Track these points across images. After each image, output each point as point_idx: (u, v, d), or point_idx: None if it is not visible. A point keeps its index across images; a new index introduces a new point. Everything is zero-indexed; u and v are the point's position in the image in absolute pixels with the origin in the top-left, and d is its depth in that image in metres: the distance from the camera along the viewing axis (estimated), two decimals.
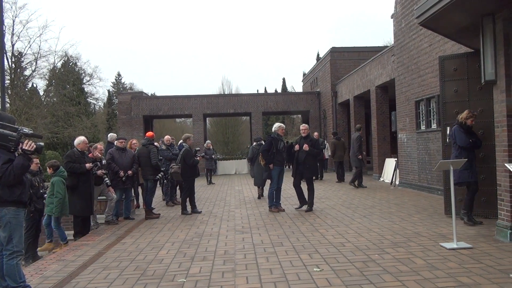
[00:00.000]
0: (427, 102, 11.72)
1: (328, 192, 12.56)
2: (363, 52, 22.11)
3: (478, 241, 5.87)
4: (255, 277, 4.71)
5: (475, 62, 7.24)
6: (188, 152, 9.60)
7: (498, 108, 6.03)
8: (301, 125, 9.71)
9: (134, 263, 5.57)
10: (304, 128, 9.46)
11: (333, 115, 22.30)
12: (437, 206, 9.00)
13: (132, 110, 24.77)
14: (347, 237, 6.48)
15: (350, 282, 4.39)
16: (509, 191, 5.83)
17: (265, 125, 40.94)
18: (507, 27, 5.78)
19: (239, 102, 25.63)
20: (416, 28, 11.76)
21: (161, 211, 10.13)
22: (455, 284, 4.19)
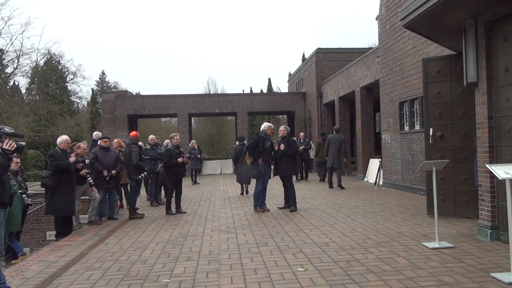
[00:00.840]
0: (410, 104, 11.86)
1: (313, 192, 12.62)
2: (348, 53, 22.27)
3: (459, 241, 5.96)
4: (240, 277, 4.71)
5: (458, 65, 7.35)
6: (167, 151, 9.63)
7: (479, 110, 6.13)
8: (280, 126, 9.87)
9: (118, 263, 5.51)
10: (280, 130, 9.70)
11: (318, 115, 22.42)
12: (419, 206, 9.12)
13: (116, 109, 24.53)
14: (331, 237, 6.52)
15: (334, 282, 4.42)
16: (489, 192, 5.93)
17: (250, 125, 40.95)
18: (488, 31, 5.89)
19: (225, 102, 25.58)
20: (400, 30, 11.89)
21: (145, 211, 10.05)
22: (437, 283, 4.25)
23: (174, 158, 9.45)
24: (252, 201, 9.78)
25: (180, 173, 9.70)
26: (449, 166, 7.29)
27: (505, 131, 5.66)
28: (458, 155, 7.61)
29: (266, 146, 9.35)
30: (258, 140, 9.36)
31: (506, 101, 5.61)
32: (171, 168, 9.53)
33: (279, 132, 9.80)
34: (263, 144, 9.32)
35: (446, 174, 7.60)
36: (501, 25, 5.68)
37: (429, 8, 5.68)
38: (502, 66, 5.67)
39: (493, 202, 5.91)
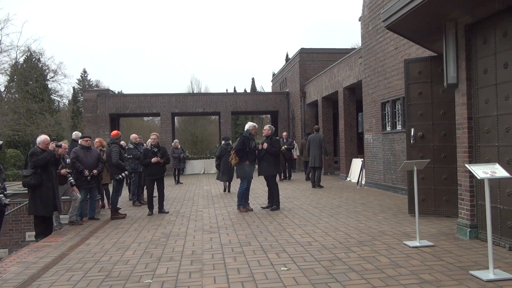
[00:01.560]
0: (392, 104, 12.00)
1: (296, 192, 12.67)
2: (331, 54, 22.40)
3: (439, 239, 6.06)
4: (223, 277, 4.70)
5: (438, 66, 7.47)
6: (144, 150, 9.74)
7: (459, 110, 6.24)
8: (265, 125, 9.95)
9: (99, 264, 5.45)
10: (265, 129, 9.82)
11: (302, 115, 22.52)
12: (401, 206, 9.24)
13: (98, 108, 24.23)
14: (314, 236, 6.56)
15: (317, 281, 4.44)
16: (469, 191, 6.04)
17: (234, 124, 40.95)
18: (468, 32, 5.99)
19: (208, 101, 25.50)
20: (382, 31, 12.02)
21: (127, 211, 9.96)
22: (418, 281, 4.31)
23: (149, 158, 9.44)
24: (235, 201, 9.76)
25: (155, 173, 9.53)
26: (429, 166, 7.41)
27: (484, 132, 5.77)
28: (439, 155, 7.73)
29: (251, 146, 9.37)
30: (244, 141, 9.37)
31: (485, 102, 5.72)
32: (146, 167, 9.59)
33: (263, 131, 9.90)
34: (248, 144, 9.35)
35: (427, 174, 7.72)
36: (480, 27, 5.79)
37: (410, 10, 5.75)
38: (481, 68, 5.78)
39: (472, 201, 6.02)
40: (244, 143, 9.35)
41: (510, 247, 5.27)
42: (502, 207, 5.44)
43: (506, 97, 5.32)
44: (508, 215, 5.33)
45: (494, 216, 5.39)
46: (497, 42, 5.47)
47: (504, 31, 5.33)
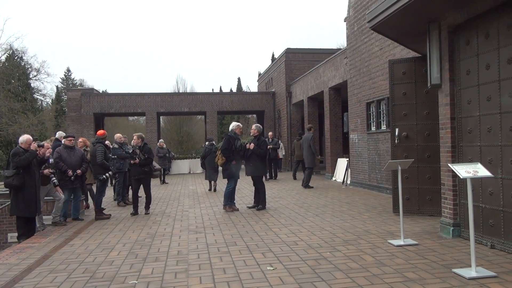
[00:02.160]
0: (377, 104, 12.10)
1: (282, 192, 12.70)
2: (317, 54, 22.52)
3: (423, 238, 6.13)
4: (209, 277, 4.69)
5: (422, 67, 7.56)
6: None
7: (442, 111, 6.32)
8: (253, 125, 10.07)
9: (83, 265, 5.39)
10: (252, 129, 9.79)
11: (288, 115, 22.58)
12: (385, 205, 9.33)
13: (82, 107, 23.96)
14: (300, 236, 6.58)
15: (303, 280, 4.46)
16: (452, 190, 6.13)
17: (220, 124, 40.83)
18: (451, 34, 6.08)
19: (194, 101, 25.41)
20: (367, 32, 12.12)
21: (112, 211, 9.87)
22: (402, 280, 4.36)
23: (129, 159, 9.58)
24: (221, 200, 9.75)
25: (135, 173, 9.42)
26: (413, 166, 7.50)
27: (467, 132, 5.86)
28: (423, 155, 7.83)
29: (237, 146, 9.37)
30: (229, 140, 9.34)
31: (468, 102, 5.81)
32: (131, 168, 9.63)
33: (251, 131, 9.90)
34: (234, 144, 9.35)
35: (411, 173, 7.81)
36: (463, 29, 5.88)
37: (394, 11, 5.81)
38: (464, 68, 5.87)
39: (455, 200, 6.11)
40: (230, 142, 9.33)
41: (492, 245, 5.36)
42: (484, 206, 5.53)
43: (488, 98, 5.41)
44: (490, 213, 5.43)
45: (476, 215, 5.49)
46: (480, 44, 5.56)
47: (487, 32, 5.42)
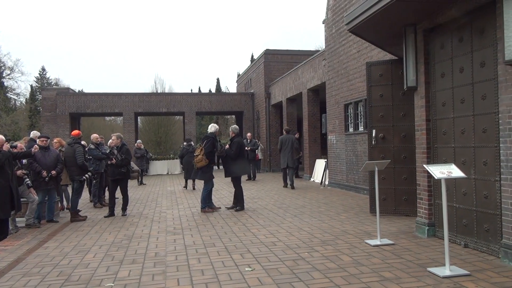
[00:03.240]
0: (355, 106, 12.24)
1: (261, 192, 12.72)
2: (296, 55, 22.67)
3: (399, 238, 6.23)
4: (187, 279, 4.66)
5: (399, 69, 7.69)
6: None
7: (418, 112, 6.44)
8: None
9: (58, 268, 5.28)
10: (230, 131, 9.97)
11: (266, 116, 22.64)
12: (363, 205, 9.44)
13: (58, 107, 23.50)
14: (279, 236, 6.61)
15: (281, 281, 4.47)
16: (427, 190, 6.25)
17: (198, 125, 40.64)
18: (427, 37, 6.20)
19: (172, 101, 25.22)
20: (345, 34, 12.26)
21: (88, 213, 9.70)
22: (378, 279, 4.42)
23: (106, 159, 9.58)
24: (200, 201, 9.70)
25: (111, 174, 9.32)
26: (390, 166, 7.62)
27: (441, 133, 5.99)
28: (399, 156, 7.96)
29: (218, 148, 9.45)
30: (214, 143, 9.36)
31: (442, 104, 5.94)
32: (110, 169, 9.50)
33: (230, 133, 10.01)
34: (216, 147, 9.42)
35: (388, 174, 7.93)
36: (438, 33, 6.01)
37: (371, 14, 5.89)
38: (439, 71, 6.00)
39: (430, 201, 6.23)
40: (214, 145, 9.32)
41: (466, 244, 5.49)
42: (458, 206, 5.66)
43: (461, 100, 5.54)
44: (463, 213, 5.56)
45: (450, 215, 5.61)
46: (454, 47, 5.68)
47: (460, 36, 5.55)
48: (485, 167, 5.15)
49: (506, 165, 4.71)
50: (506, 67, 4.65)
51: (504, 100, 4.73)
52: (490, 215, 5.08)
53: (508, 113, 4.66)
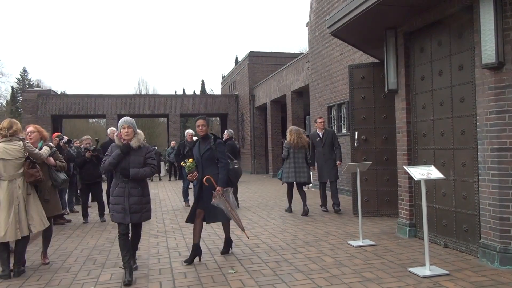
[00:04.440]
0: (338, 108, 12.35)
1: (245, 194, 12.72)
2: (280, 58, 22.79)
3: (381, 238, 6.31)
4: (169, 282, 4.64)
5: (380, 72, 7.78)
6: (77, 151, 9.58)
7: (399, 115, 6.54)
8: None
9: (38, 272, 5.20)
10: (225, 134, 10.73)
11: (251, 118, 22.68)
12: (346, 206, 9.52)
13: (39, 109, 23.16)
14: (262, 238, 6.62)
15: (264, 282, 4.49)
16: (408, 192, 6.34)
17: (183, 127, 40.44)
18: (407, 41, 6.30)
19: (156, 103, 25.09)
20: (328, 37, 12.36)
21: (70, 216, 9.57)
22: (360, 279, 4.47)
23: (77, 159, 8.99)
24: (182, 203, 9.71)
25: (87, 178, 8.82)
26: (372, 168, 7.70)
27: (421, 135, 6.09)
28: (381, 158, 8.06)
29: (185, 152, 10.17)
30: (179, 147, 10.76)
31: (422, 107, 6.04)
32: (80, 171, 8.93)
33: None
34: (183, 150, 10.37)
35: (370, 176, 8.01)
36: (417, 36, 6.11)
37: (352, 18, 5.97)
38: (419, 74, 6.10)
39: (411, 202, 6.32)
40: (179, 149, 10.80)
41: (445, 244, 5.58)
42: (437, 207, 5.75)
43: (441, 103, 5.64)
44: (443, 214, 5.65)
45: (430, 215, 5.70)
46: (433, 51, 5.79)
47: (439, 40, 5.65)
48: (464, 168, 5.26)
49: (484, 166, 4.81)
50: (483, 70, 4.76)
51: (481, 102, 4.83)
52: (469, 215, 5.18)
53: (485, 115, 4.77)
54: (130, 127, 4.80)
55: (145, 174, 4.84)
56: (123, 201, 4.75)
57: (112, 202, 4.83)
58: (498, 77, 4.62)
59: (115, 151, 4.78)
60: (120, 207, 4.76)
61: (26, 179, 5.05)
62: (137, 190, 4.82)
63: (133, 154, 4.80)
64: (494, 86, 4.65)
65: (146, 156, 4.90)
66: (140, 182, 4.87)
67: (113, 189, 4.85)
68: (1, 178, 4.96)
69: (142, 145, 4.90)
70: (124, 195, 4.76)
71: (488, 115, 4.73)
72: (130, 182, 4.78)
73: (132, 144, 4.80)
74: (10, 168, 4.98)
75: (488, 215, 4.74)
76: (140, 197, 4.84)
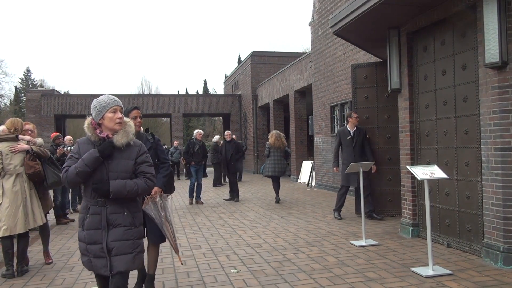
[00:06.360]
0: (341, 107, 12.33)
1: (248, 194, 12.73)
2: (282, 57, 22.76)
3: (384, 238, 6.30)
4: (172, 281, 4.65)
5: (383, 71, 7.77)
6: None
7: (402, 114, 6.52)
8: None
9: (42, 271, 5.22)
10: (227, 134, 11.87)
11: (254, 118, 22.66)
12: (348, 206, 9.50)
13: (42, 109, 23.22)
14: (265, 238, 6.62)
15: (266, 282, 4.49)
16: (411, 191, 6.33)
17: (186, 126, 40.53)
18: (410, 41, 6.28)
19: (159, 103, 25.11)
20: (331, 36, 12.34)
21: (73, 215, 9.60)
22: (363, 279, 4.46)
23: None
24: (187, 203, 9.71)
25: None
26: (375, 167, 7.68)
27: (425, 135, 6.07)
28: (384, 157, 8.04)
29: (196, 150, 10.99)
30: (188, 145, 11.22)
31: (425, 106, 6.02)
32: None
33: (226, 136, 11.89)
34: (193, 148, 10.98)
35: (373, 175, 7.99)
36: (421, 35, 6.09)
37: (355, 17, 5.96)
38: (422, 74, 6.08)
39: (414, 201, 6.30)
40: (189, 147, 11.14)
41: (448, 244, 5.57)
42: (441, 206, 5.74)
43: (444, 102, 5.62)
44: (446, 213, 5.64)
45: (433, 215, 5.69)
46: (436, 50, 5.77)
47: (442, 39, 5.64)
48: (467, 168, 5.24)
49: (487, 166, 4.80)
50: (486, 70, 4.74)
51: (484, 102, 4.82)
52: (472, 215, 5.16)
53: (489, 115, 4.75)
54: (121, 111, 3.11)
55: (136, 190, 3.00)
56: (100, 237, 2.97)
57: (82, 239, 3.04)
58: (502, 77, 4.60)
59: (88, 152, 2.98)
60: (95, 248, 2.98)
61: (26, 171, 5.21)
62: (122, 217, 3.02)
63: (116, 157, 3.03)
64: (497, 86, 4.63)
65: (138, 159, 3.10)
66: (128, 203, 3.07)
67: (83, 216, 3.05)
68: (9, 173, 5.13)
69: (131, 142, 3.10)
70: (101, 226, 2.98)
71: (492, 115, 4.71)
72: (110, 203, 2.99)
73: (116, 141, 3.02)
74: (17, 163, 5.18)
75: (492, 214, 4.73)
76: (129, 229, 3.04)
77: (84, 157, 2.96)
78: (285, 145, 10.76)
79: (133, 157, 3.09)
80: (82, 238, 3.04)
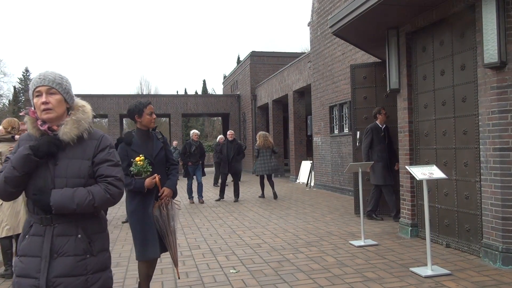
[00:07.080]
0: (340, 108, 12.34)
1: (247, 194, 12.73)
2: (281, 57, 22.76)
3: (383, 238, 6.30)
4: (171, 282, 4.65)
5: (382, 71, 7.78)
6: None
7: (401, 114, 6.53)
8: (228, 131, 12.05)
9: None
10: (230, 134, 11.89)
11: (253, 118, 22.67)
12: (348, 206, 9.51)
13: None
14: (264, 238, 6.62)
15: (265, 282, 4.49)
16: (410, 191, 6.33)
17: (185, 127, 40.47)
18: (409, 40, 6.29)
19: (158, 103, 25.08)
20: (330, 37, 12.34)
21: None
22: (362, 279, 4.46)
23: None
24: (186, 204, 9.71)
25: None
26: None
27: (423, 135, 6.08)
28: None
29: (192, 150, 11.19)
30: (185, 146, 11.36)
31: (424, 106, 6.03)
32: None
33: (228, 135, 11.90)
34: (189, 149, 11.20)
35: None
36: (419, 36, 6.10)
37: (354, 17, 5.97)
38: (421, 74, 6.09)
39: (413, 201, 6.31)
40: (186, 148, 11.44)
41: (447, 244, 5.57)
42: (439, 207, 5.74)
43: (443, 103, 5.63)
44: (445, 213, 5.64)
45: (432, 215, 5.69)
46: (435, 50, 5.78)
47: (441, 40, 5.64)
48: (466, 168, 5.24)
49: (486, 166, 4.80)
50: (485, 70, 4.75)
51: (483, 102, 4.82)
52: (471, 215, 5.17)
53: (488, 115, 4.75)
54: (55, 92, 2.19)
55: (90, 202, 2.10)
56: (36, 270, 2.07)
57: (17, 270, 2.14)
58: (500, 77, 4.61)
59: (18, 150, 2.15)
60: (25, 284, 2.08)
61: None
62: (73, 241, 2.12)
63: (64, 157, 2.17)
64: (496, 86, 4.64)
65: (96, 158, 2.23)
66: (85, 221, 2.18)
67: (21, 239, 2.19)
68: None
69: (85, 134, 2.26)
70: (41, 253, 2.09)
71: (490, 115, 4.72)
72: (59, 221, 2.12)
73: (62, 135, 2.17)
74: None
75: (490, 215, 4.73)
76: (82, 259, 2.13)
77: (12, 158, 2.12)
78: (272, 145, 11.55)
79: (89, 156, 2.20)
80: (16, 266, 2.14)
